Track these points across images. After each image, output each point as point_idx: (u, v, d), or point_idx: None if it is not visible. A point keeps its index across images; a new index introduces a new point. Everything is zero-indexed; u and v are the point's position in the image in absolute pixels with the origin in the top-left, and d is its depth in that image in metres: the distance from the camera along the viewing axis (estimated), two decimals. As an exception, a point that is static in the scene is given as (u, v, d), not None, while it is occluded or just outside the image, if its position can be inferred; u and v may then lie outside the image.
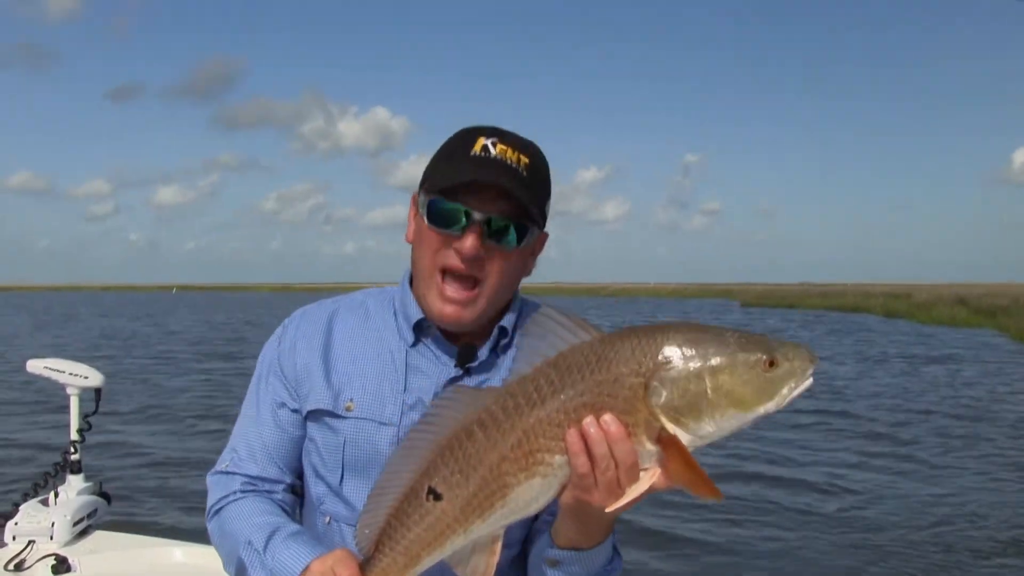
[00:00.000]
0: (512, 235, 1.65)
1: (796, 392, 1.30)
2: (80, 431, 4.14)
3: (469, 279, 1.67)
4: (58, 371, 4.11)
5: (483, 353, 1.76)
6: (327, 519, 1.76)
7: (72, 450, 4.13)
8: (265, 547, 1.63)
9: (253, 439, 1.81)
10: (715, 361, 1.29)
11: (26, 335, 38.62)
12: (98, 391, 4.17)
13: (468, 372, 1.74)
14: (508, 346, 1.79)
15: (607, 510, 1.33)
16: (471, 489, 1.36)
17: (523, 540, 1.77)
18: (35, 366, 4.13)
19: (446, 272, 1.67)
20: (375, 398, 1.74)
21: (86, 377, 4.12)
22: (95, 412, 4.18)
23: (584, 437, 1.30)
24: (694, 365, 1.29)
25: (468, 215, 1.62)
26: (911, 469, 11.50)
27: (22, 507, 3.98)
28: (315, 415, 1.77)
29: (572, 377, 1.31)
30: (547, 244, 1.81)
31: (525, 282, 1.90)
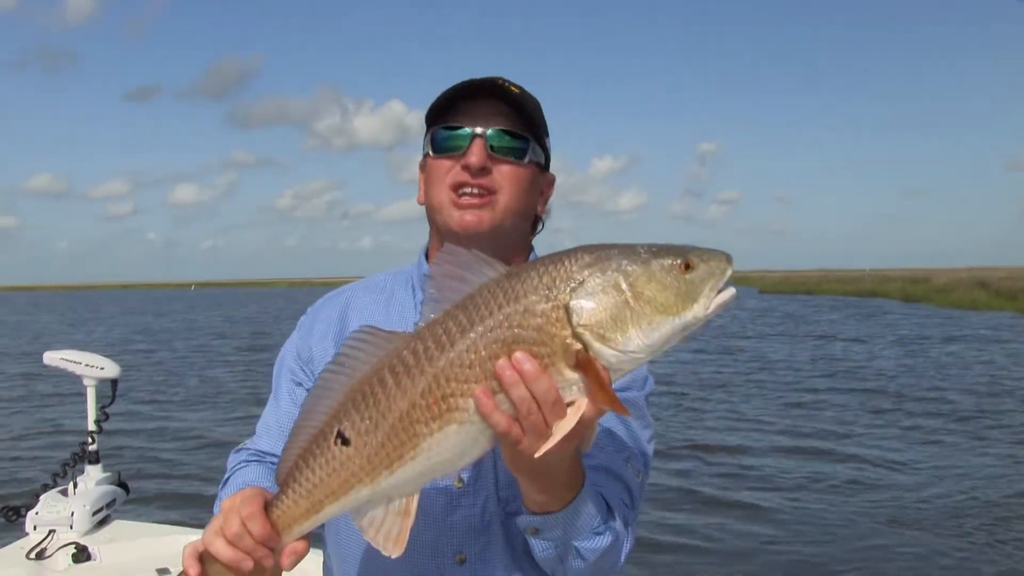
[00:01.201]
0: (515, 145, 1.71)
1: (720, 299, 1.25)
2: (97, 422, 4.18)
3: (482, 191, 1.69)
4: (74, 362, 4.14)
5: None
6: None
7: (90, 440, 4.17)
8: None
9: (271, 419, 1.84)
10: (630, 268, 1.23)
11: (55, 332, 38.95)
12: (115, 382, 4.21)
13: None
14: None
15: (536, 455, 1.26)
16: (379, 438, 1.29)
17: None
18: (52, 358, 4.16)
19: (459, 189, 1.69)
20: None
21: (102, 368, 4.15)
22: (112, 403, 4.21)
23: (500, 381, 1.23)
24: (610, 277, 1.23)
25: (470, 133, 1.69)
26: (931, 445, 11.52)
27: (42, 497, 4.03)
28: None
29: (480, 314, 1.24)
30: (561, 235, 1.82)
31: None
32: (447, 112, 1.73)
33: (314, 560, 1.80)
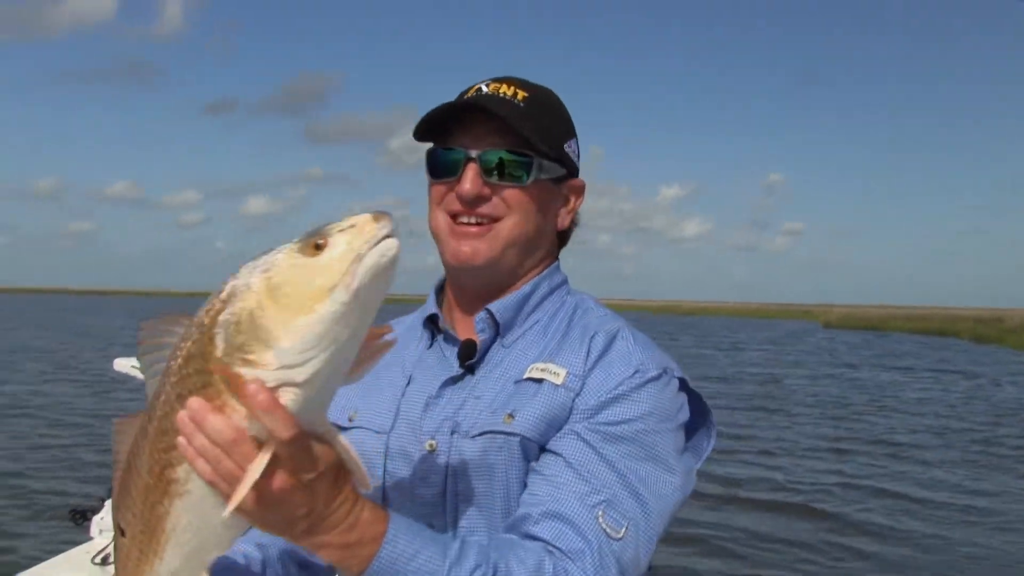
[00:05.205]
0: (514, 168, 1.51)
1: (366, 263, 1.06)
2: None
3: (481, 219, 1.53)
4: (146, 370, 4.18)
5: (480, 351, 1.56)
6: None
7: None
8: None
9: None
10: (258, 272, 1.09)
11: (127, 338, 39.86)
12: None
13: (471, 371, 1.55)
14: (521, 337, 1.57)
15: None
16: (139, 525, 1.22)
17: None
18: (122, 365, 4.22)
19: (457, 217, 1.54)
20: (376, 406, 1.60)
21: (172, 377, 4.19)
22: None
23: (183, 435, 1.11)
24: (241, 287, 1.09)
25: (463, 156, 1.52)
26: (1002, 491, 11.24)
27: (108, 502, 4.07)
28: None
29: (166, 375, 1.15)
30: (625, 260, 1.64)
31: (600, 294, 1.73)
32: (442, 128, 1.56)
33: None
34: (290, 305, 1.06)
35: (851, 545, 8.79)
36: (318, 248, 1.07)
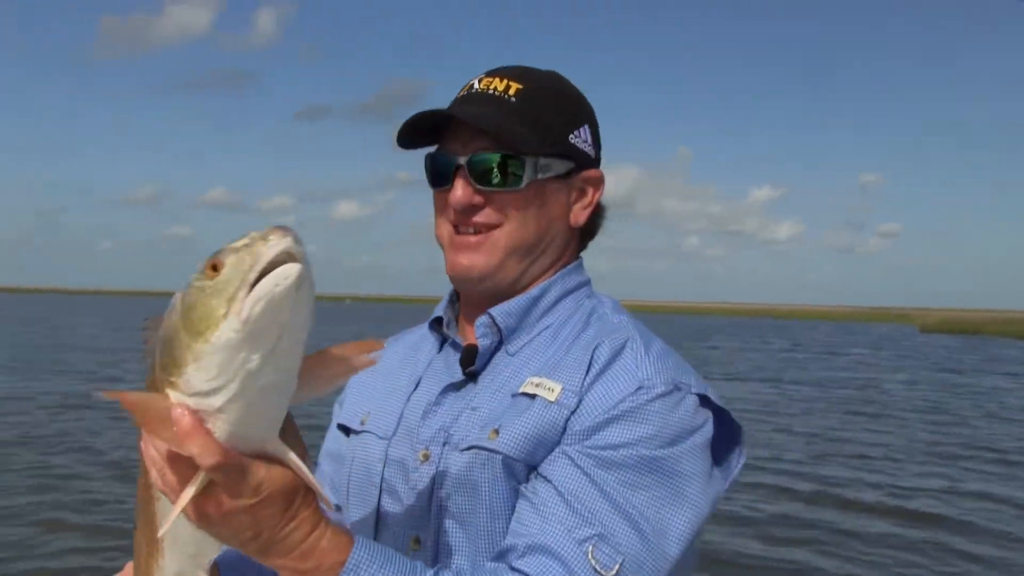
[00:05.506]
0: (506, 171, 1.39)
1: (261, 293, 0.95)
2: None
3: (479, 228, 1.43)
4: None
5: (482, 357, 1.46)
6: None
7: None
8: None
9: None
10: (177, 295, 1.03)
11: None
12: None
13: (473, 377, 1.45)
14: (527, 344, 1.46)
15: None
16: (143, 519, 1.25)
17: None
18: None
19: (457, 227, 1.45)
20: (386, 409, 1.52)
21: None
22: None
23: (143, 443, 1.11)
24: (173, 303, 1.04)
25: (451, 163, 1.42)
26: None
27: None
28: (340, 431, 1.61)
29: None
30: (714, 263, 1.51)
31: (658, 298, 1.61)
32: (437, 131, 1.46)
33: None
34: (191, 330, 0.99)
35: (958, 548, 8.61)
36: (215, 270, 0.98)
